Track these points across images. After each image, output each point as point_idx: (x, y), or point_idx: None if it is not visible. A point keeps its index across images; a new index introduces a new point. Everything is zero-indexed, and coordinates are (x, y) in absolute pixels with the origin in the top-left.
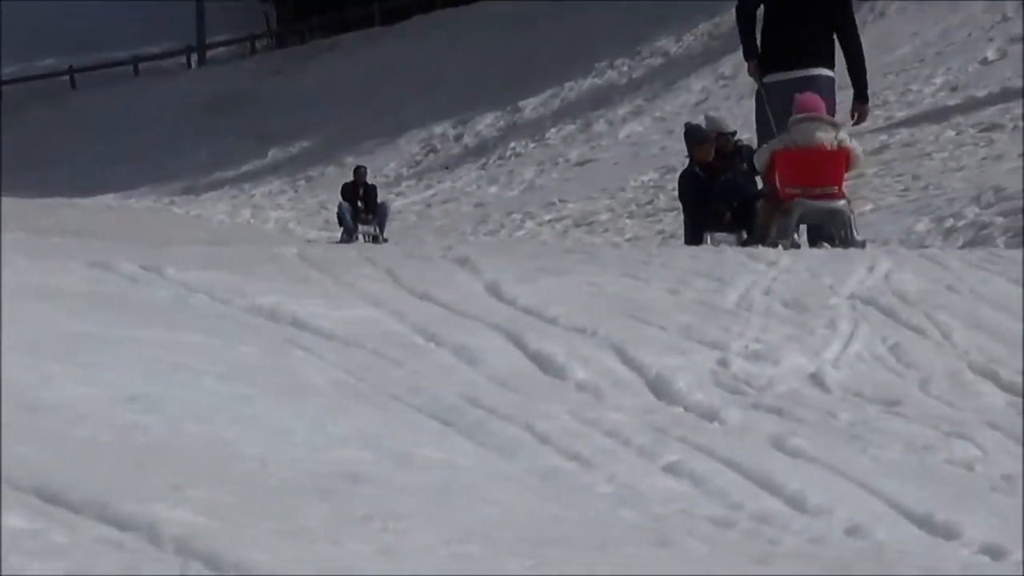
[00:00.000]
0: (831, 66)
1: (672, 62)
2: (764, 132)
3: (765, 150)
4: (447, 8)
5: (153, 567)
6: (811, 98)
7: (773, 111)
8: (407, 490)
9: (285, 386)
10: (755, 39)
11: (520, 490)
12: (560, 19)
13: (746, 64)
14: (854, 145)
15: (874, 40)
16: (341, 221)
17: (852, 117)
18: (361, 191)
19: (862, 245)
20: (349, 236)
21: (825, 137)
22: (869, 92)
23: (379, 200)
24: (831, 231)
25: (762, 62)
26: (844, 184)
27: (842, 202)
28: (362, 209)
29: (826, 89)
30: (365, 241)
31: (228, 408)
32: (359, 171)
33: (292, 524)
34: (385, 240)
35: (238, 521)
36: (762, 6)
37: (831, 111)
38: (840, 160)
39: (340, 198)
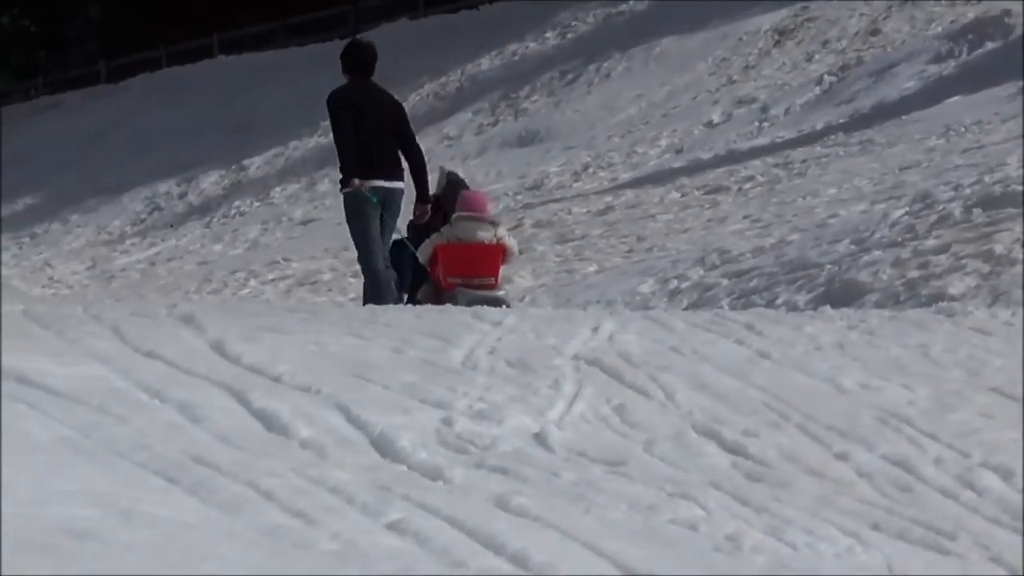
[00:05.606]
0: (401, 178)
1: None
2: (360, 233)
3: (428, 244)
4: (172, 66)
5: None
6: (477, 197)
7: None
8: (131, 547)
9: (9, 441)
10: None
11: (244, 546)
12: (284, 77)
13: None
14: (511, 242)
15: (599, 102)
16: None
17: (414, 215)
18: None
19: None
20: None
21: (485, 235)
22: (592, 154)
23: None
24: None
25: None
26: (499, 275)
27: (501, 292)
28: None
29: (401, 198)
30: None
31: None
32: None
33: None
34: None
35: None
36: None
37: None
38: (497, 254)
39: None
